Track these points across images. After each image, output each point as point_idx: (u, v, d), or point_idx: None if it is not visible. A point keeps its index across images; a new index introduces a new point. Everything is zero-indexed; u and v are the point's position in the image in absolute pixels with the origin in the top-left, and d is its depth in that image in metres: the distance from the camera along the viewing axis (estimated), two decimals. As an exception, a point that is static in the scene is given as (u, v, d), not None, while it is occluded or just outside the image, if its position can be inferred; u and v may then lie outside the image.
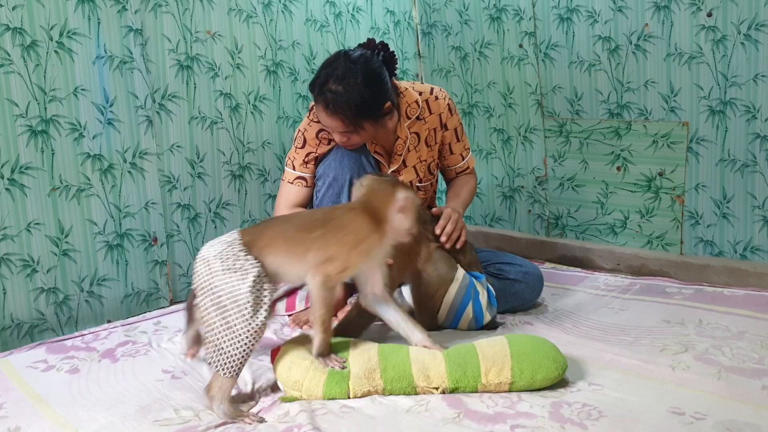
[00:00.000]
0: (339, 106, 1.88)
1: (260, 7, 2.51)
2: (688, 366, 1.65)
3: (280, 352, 1.62)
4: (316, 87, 1.92)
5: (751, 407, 1.44)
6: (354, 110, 1.88)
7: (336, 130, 1.95)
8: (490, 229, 2.98)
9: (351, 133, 1.95)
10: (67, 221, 2.10)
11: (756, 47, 2.15)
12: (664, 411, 1.44)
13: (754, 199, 2.25)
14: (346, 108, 1.88)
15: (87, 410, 1.55)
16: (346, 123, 1.91)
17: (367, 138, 2.01)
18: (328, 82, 1.89)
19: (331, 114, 1.90)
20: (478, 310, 1.92)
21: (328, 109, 1.90)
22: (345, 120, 1.90)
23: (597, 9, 2.48)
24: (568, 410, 1.47)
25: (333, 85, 1.88)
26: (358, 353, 1.61)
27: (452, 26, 2.97)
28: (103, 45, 2.13)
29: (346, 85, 1.87)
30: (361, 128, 1.94)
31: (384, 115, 1.97)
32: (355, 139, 1.98)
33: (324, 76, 1.91)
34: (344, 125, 1.92)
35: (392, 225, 1.64)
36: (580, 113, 2.61)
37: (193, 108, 2.35)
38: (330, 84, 1.89)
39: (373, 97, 1.91)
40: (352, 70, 1.90)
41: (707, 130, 2.31)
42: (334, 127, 1.94)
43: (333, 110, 1.89)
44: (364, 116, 1.91)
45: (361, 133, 1.95)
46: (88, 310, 2.15)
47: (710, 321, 1.94)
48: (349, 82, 1.88)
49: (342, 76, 1.88)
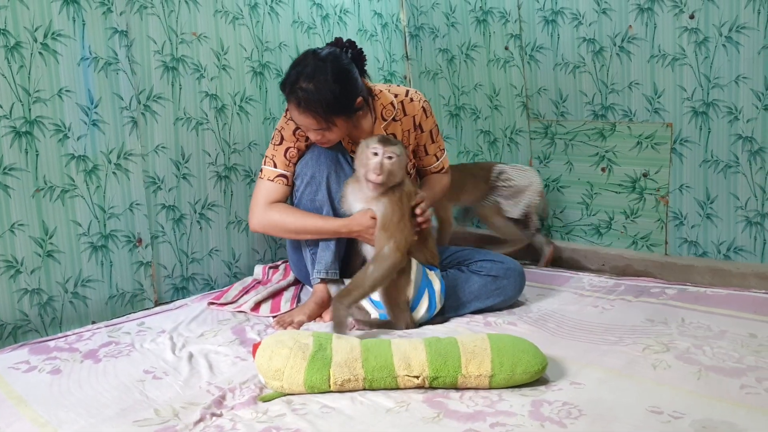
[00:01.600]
0: (310, 104, 1.90)
1: (246, 9, 2.52)
2: (669, 365, 1.66)
3: (261, 345, 1.63)
4: (287, 86, 1.95)
5: (729, 406, 1.44)
6: (325, 107, 1.90)
7: (309, 127, 1.97)
8: (476, 230, 2.99)
9: (324, 130, 1.97)
10: (51, 222, 2.09)
11: (737, 49, 2.17)
12: (642, 410, 1.45)
13: (736, 200, 2.26)
14: (318, 105, 1.90)
15: (67, 411, 1.55)
16: (319, 120, 1.93)
17: (341, 134, 2.02)
18: (299, 80, 1.91)
19: (303, 112, 1.93)
20: (432, 297, 1.98)
21: (300, 107, 1.92)
22: (317, 117, 1.92)
23: (581, 11, 2.49)
24: (548, 408, 1.48)
25: (303, 83, 1.90)
26: (342, 343, 1.62)
27: (439, 29, 2.99)
28: (88, 46, 2.13)
29: (317, 83, 1.89)
30: (334, 124, 1.95)
31: (356, 111, 1.99)
32: (329, 136, 1.99)
33: (294, 75, 1.93)
34: (317, 122, 1.94)
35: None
36: (565, 115, 2.62)
37: (178, 109, 2.35)
38: (300, 82, 1.91)
39: (344, 92, 1.93)
40: (321, 67, 1.92)
41: (690, 131, 2.32)
42: (307, 124, 1.96)
43: (305, 108, 1.91)
44: (336, 112, 1.94)
45: (334, 129, 1.97)
46: (72, 311, 2.15)
47: (692, 320, 1.95)
48: (319, 79, 1.89)
49: (312, 74, 1.90)
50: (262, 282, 2.40)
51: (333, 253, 2.10)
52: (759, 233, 2.24)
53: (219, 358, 1.83)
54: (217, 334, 1.99)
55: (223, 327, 2.04)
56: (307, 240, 2.12)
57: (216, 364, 1.79)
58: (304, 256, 2.15)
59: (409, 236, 1.94)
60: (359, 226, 2.00)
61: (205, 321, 2.09)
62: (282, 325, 2.03)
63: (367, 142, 1.95)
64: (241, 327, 2.04)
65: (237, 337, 1.97)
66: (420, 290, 1.99)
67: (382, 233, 1.93)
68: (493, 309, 2.11)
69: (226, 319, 2.11)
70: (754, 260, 2.26)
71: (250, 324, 2.07)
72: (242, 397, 1.59)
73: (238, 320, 2.10)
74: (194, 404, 1.56)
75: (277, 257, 2.66)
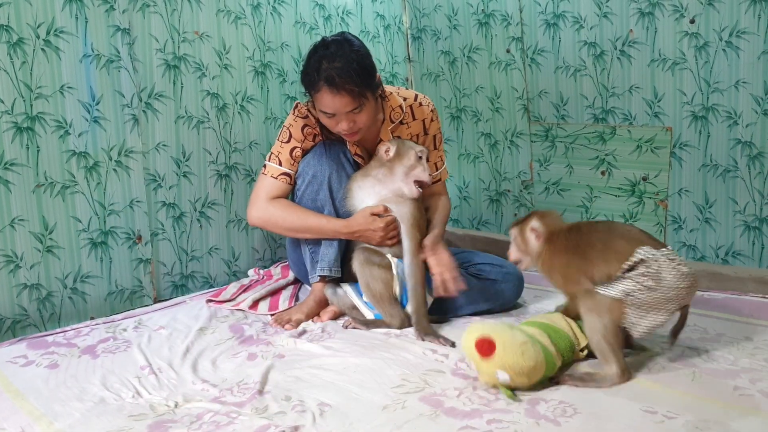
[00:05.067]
0: (344, 78, 1.87)
1: (249, 8, 2.53)
2: (663, 367, 1.66)
3: (500, 342, 1.52)
4: (311, 75, 1.92)
5: (721, 407, 1.45)
6: (357, 78, 1.89)
7: (343, 109, 1.92)
8: (477, 232, 2.99)
9: (357, 111, 1.93)
10: (51, 218, 2.10)
11: (737, 54, 2.18)
12: (637, 410, 1.45)
13: (735, 204, 2.26)
14: (350, 78, 1.88)
15: (63, 405, 1.56)
16: (354, 94, 1.90)
17: (370, 118, 1.99)
18: (322, 64, 1.90)
19: (338, 91, 1.89)
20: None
21: (334, 85, 1.88)
22: (353, 91, 1.89)
23: (583, 15, 2.50)
24: (544, 407, 1.48)
25: (329, 64, 1.89)
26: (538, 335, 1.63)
27: (441, 31, 2.99)
28: (90, 44, 2.14)
29: (341, 59, 1.89)
30: (366, 99, 1.94)
31: (377, 87, 2.00)
32: (360, 119, 1.96)
33: (315, 62, 1.91)
34: (352, 99, 1.91)
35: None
36: (566, 118, 2.63)
37: (179, 107, 2.36)
38: (324, 65, 1.89)
39: (368, 61, 1.96)
40: (339, 45, 1.93)
41: (690, 136, 2.32)
42: (341, 106, 1.91)
43: (340, 84, 1.88)
44: (367, 84, 1.93)
45: (365, 108, 1.95)
46: (71, 307, 2.16)
47: (689, 323, 1.93)
48: (343, 54, 1.90)
49: (334, 54, 1.90)
50: (260, 281, 2.41)
51: (336, 251, 2.09)
52: (757, 238, 2.24)
53: (216, 355, 1.83)
54: (215, 331, 2.00)
55: (221, 324, 2.05)
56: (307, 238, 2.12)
57: (213, 361, 1.79)
58: (303, 255, 2.15)
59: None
60: (359, 226, 2.01)
61: (203, 318, 2.10)
62: (280, 323, 2.04)
63: (411, 144, 2.04)
64: (238, 325, 2.05)
65: (234, 334, 1.98)
66: (405, 285, 2.00)
67: (414, 231, 1.99)
68: (492, 311, 2.11)
69: (224, 317, 2.12)
70: (753, 265, 2.26)
71: (248, 322, 2.08)
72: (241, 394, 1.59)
73: (236, 318, 2.11)
74: (190, 400, 1.57)
75: (277, 256, 2.66)
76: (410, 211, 2.00)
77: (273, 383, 1.65)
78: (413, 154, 2.01)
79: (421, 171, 2.01)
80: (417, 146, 2.05)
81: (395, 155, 2.01)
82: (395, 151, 2.01)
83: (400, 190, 2.02)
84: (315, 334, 1.95)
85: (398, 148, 2.02)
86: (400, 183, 2.01)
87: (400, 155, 2.02)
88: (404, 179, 2.01)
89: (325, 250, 2.07)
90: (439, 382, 1.63)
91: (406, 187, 2.01)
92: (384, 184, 2.03)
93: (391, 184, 2.02)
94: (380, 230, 2.00)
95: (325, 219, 2.05)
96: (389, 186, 2.03)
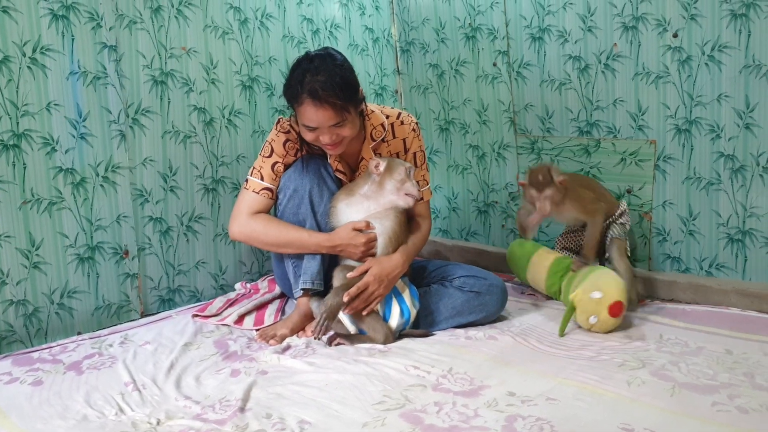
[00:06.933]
0: (327, 91, 1.89)
1: (236, 24, 2.55)
2: (644, 381, 1.68)
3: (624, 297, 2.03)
4: (294, 88, 1.93)
5: (698, 423, 1.46)
6: (340, 92, 1.90)
7: (326, 123, 1.93)
8: (465, 243, 3.01)
9: (340, 125, 1.95)
10: (38, 234, 2.12)
11: (719, 68, 2.19)
12: (614, 426, 1.47)
13: (718, 217, 2.28)
14: (333, 91, 1.89)
15: (45, 423, 1.56)
16: (336, 109, 1.91)
17: (353, 131, 2.01)
18: (305, 77, 1.91)
19: (321, 104, 1.90)
20: (402, 304, 2.04)
21: (318, 99, 1.89)
22: (335, 106, 1.91)
23: (568, 29, 2.52)
24: (521, 424, 1.50)
25: (312, 78, 1.90)
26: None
27: (429, 44, 3.01)
28: (77, 61, 2.16)
29: (325, 73, 1.90)
30: (349, 113, 1.95)
31: (360, 102, 2.02)
32: (343, 132, 1.97)
33: (299, 75, 1.93)
34: (334, 113, 1.92)
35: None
36: (551, 131, 2.64)
37: (166, 122, 2.37)
38: (308, 78, 1.90)
39: (351, 75, 1.98)
40: (323, 59, 1.95)
41: (674, 149, 2.34)
42: (324, 119, 1.92)
43: (323, 98, 1.89)
44: (350, 97, 1.94)
45: (348, 122, 1.96)
46: (58, 322, 2.17)
47: (671, 336, 1.97)
48: (326, 69, 1.92)
49: (317, 68, 1.92)
50: (246, 295, 2.42)
51: (319, 264, 2.09)
52: (740, 250, 2.26)
53: (200, 371, 1.84)
54: (199, 347, 2.01)
55: (206, 340, 2.06)
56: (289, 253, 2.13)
57: (197, 378, 1.80)
58: (287, 269, 2.16)
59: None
60: (341, 240, 2.02)
61: (188, 333, 2.11)
62: (264, 338, 2.05)
63: (400, 161, 2.09)
64: (223, 340, 2.06)
65: (219, 350, 1.99)
66: (387, 299, 2.02)
67: (389, 245, 2.05)
68: (476, 324, 2.12)
69: (210, 332, 2.13)
70: (736, 277, 2.27)
71: (233, 337, 2.09)
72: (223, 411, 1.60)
73: (221, 333, 2.12)
74: (172, 417, 1.58)
75: (264, 270, 2.67)
76: (391, 227, 2.04)
77: (255, 400, 1.66)
78: (403, 169, 2.04)
79: (410, 186, 2.04)
80: (405, 162, 2.08)
81: (385, 170, 2.03)
82: (385, 167, 2.03)
83: (392, 203, 2.06)
84: (299, 349, 1.97)
85: (389, 164, 2.05)
86: (391, 197, 2.04)
87: (391, 170, 2.04)
88: (396, 193, 2.04)
89: (307, 263, 2.08)
90: (420, 398, 1.64)
91: (400, 199, 2.04)
92: (373, 199, 2.06)
93: (382, 198, 2.05)
94: (362, 245, 2.01)
95: (306, 233, 2.06)
96: (379, 201, 2.05)
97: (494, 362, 1.84)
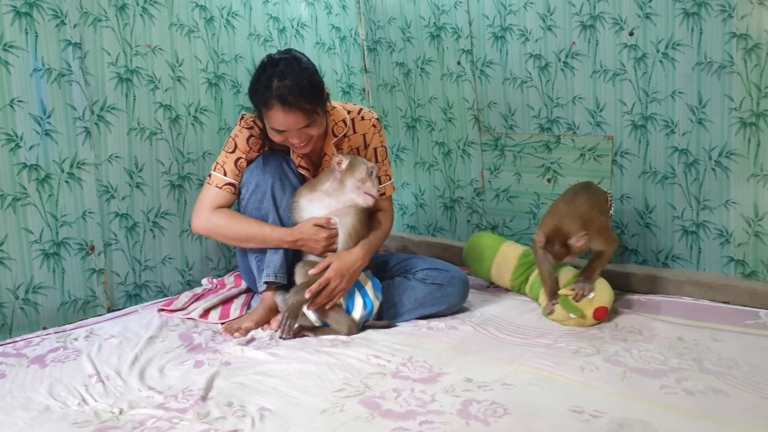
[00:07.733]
0: (295, 97, 1.91)
1: (202, 22, 2.57)
2: (597, 367, 1.73)
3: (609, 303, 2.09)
4: (263, 93, 1.95)
5: (646, 405, 1.52)
6: (308, 95, 1.94)
7: (295, 126, 1.96)
8: (432, 238, 3.05)
9: (309, 127, 1.98)
10: (2, 230, 2.12)
11: (673, 65, 2.26)
12: (565, 410, 1.52)
13: (673, 210, 2.35)
14: (305, 94, 1.93)
15: (7, 414, 1.58)
16: (305, 111, 1.94)
17: (321, 130, 2.05)
18: (272, 82, 1.93)
19: (290, 109, 1.92)
20: (365, 296, 2.08)
21: (287, 104, 1.91)
22: (304, 109, 1.93)
23: (528, 28, 2.58)
24: (476, 407, 1.54)
25: (279, 82, 1.92)
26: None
27: (396, 43, 3.06)
28: (40, 58, 2.17)
29: (292, 77, 1.93)
30: (317, 114, 1.99)
31: (326, 102, 2.05)
32: (312, 132, 2.01)
33: (266, 80, 1.94)
34: (303, 116, 1.95)
35: None
36: (514, 128, 2.70)
37: (132, 119, 2.39)
38: (275, 83, 1.92)
39: (316, 77, 2.01)
40: (288, 63, 1.97)
41: (630, 144, 2.41)
42: (293, 123, 1.95)
43: (292, 103, 1.91)
44: (318, 100, 1.98)
45: (316, 123, 1.99)
46: (23, 317, 2.17)
47: (625, 325, 2.02)
48: (292, 73, 1.94)
49: (283, 72, 1.94)
50: (213, 290, 2.44)
51: (282, 258, 2.11)
52: (694, 242, 2.32)
53: (164, 363, 1.86)
54: (164, 340, 2.03)
55: (171, 333, 2.08)
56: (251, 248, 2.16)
57: (161, 369, 1.83)
58: (250, 263, 2.18)
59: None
60: (303, 235, 2.05)
61: (153, 327, 2.13)
62: (229, 331, 2.07)
63: (363, 159, 2.13)
64: (188, 333, 2.08)
65: (183, 343, 2.01)
66: (350, 292, 2.06)
67: (349, 240, 2.07)
68: (438, 315, 2.17)
69: (175, 326, 2.15)
70: (690, 268, 2.34)
71: (198, 330, 2.11)
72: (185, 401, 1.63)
73: (187, 327, 2.14)
74: (135, 407, 1.61)
75: (231, 265, 2.70)
76: (352, 222, 2.07)
77: (217, 390, 1.68)
78: (365, 168, 2.08)
79: (370, 186, 2.08)
80: (368, 162, 2.11)
81: (347, 168, 2.07)
82: (347, 165, 2.07)
83: (352, 201, 2.09)
84: (263, 341, 1.99)
85: (351, 162, 2.08)
86: (351, 195, 2.07)
87: (352, 169, 2.08)
88: (356, 192, 2.07)
89: (270, 257, 2.11)
90: (379, 386, 1.68)
91: (359, 198, 2.08)
92: (334, 196, 2.09)
93: (342, 196, 2.08)
94: (323, 240, 2.05)
95: (269, 228, 2.08)
96: (340, 198, 2.09)
97: (454, 351, 1.88)
